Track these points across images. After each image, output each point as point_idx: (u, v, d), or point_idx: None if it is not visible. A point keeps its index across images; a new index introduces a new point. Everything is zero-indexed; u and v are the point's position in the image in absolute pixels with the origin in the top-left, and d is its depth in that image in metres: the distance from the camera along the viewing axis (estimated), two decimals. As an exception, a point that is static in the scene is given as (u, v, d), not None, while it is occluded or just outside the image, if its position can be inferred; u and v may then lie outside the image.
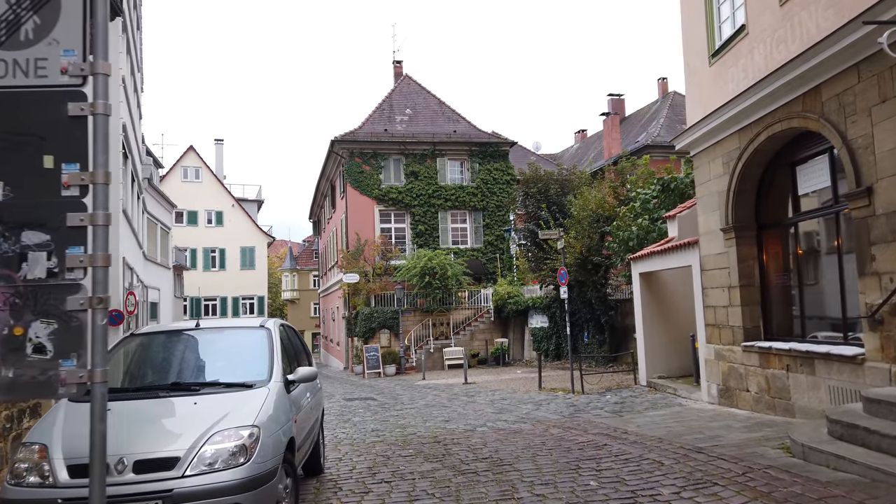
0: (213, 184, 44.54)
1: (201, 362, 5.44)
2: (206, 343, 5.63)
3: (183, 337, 5.73)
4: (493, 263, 32.44)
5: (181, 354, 5.52)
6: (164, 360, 5.49)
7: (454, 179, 33.49)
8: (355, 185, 32.03)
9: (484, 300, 29.34)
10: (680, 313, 14.04)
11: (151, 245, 29.24)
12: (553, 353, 24.53)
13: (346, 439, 9.79)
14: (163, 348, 5.62)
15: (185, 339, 5.67)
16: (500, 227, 33.08)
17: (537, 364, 18.78)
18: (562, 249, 15.99)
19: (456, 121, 35.24)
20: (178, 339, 5.74)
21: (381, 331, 28.29)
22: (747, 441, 7.49)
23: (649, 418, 9.82)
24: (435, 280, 27.45)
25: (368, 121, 34.12)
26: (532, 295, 26.63)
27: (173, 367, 5.38)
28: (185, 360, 5.45)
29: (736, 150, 9.78)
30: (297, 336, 7.19)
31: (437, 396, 15.98)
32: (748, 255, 9.90)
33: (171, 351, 5.57)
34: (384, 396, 16.86)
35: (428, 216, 32.54)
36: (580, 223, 21.04)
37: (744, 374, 9.80)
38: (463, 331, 28.58)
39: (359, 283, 29.82)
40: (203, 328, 5.75)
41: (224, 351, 5.56)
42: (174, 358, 5.48)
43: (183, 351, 5.55)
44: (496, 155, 33.86)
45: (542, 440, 8.59)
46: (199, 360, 5.47)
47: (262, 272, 45.94)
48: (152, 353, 5.58)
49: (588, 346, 22.18)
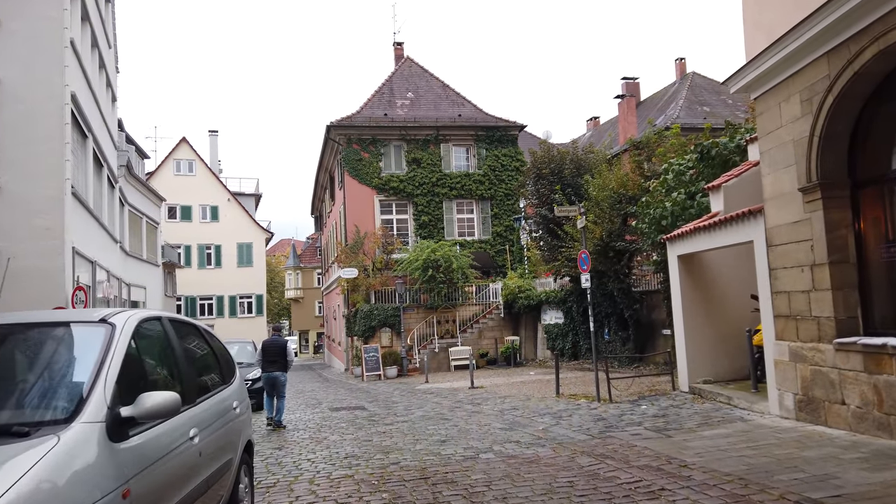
0: (207, 177, 42.30)
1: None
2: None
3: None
4: (503, 256, 30.01)
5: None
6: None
7: (459, 166, 31.09)
8: (353, 173, 29.70)
9: (493, 295, 26.93)
10: (729, 303, 11.56)
11: (135, 240, 27.05)
12: (569, 352, 22.07)
13: (307, 471, 7.42)
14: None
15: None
16: (509, 216, 30.64)
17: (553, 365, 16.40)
18: (582, 230, 13.53)
19: (461, 104, 32.84)
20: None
21: (381, 329, 25.93)
22: (888, 487, 5.04)
23: (710, 441, 7.38)
24: (439, 273, 25.05)
25: (367, 105, 31.79)
26: (545, 288, 24.18)
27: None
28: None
29: (823, 81, 7.31)
30: (205, 340, 4.82)
31: (438, 405, 13.60)
32: (840, 221, 7.42)
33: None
34: (377, 405, 14.50)
35: (432, 206, 30.17)
36: (599, 205, 18.56)
37: (837, 381, 7.33)
38: (470, 329, 26.16)
39: (358, 279, 27.44)
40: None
41: (7, 363, 3.17)
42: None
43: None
44: (504, 140, 31.44)
45: (569, 477, 6.18)
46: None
47: (260, 269, 43.65)
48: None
49: (609, 344, 19.73)
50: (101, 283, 18.12)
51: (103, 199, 19.75)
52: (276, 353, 11.52)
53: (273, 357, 11.48)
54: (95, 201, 18.54)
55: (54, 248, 13.60)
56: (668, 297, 14.89)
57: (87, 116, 16.28)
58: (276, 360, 11.47)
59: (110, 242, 20.93)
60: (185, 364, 3.96)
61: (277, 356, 11.49)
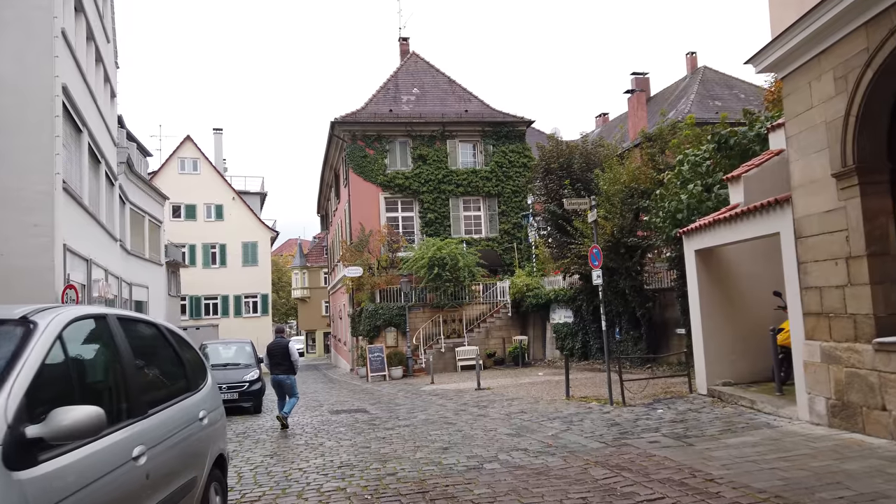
0: (212, 176, 41.81)
1: None
2: None
3: None
4: (510, 254, 29.38)
5: None
6: None
7: (466, 163, 30.47)
8: (358, 170, 29.14)
9: (500, 294, 26.29)
10: (750, 300, 10.88)
11: (137, 239, 26.60)
12: (579, 352, 21.42)
13: (297, 483, 6.85)
14: None
15: None
16: (516, 213, 29.99)
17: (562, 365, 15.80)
18: (592, 224, 12.89)
19: (467, 100, 32.23)
20: None
21: (386, 329, 25.36)
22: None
23: (736, 450, 6.74)
24: (445, 272, 24.44)
25: (372, 101, 31.23)
26: (554, 287, 23.54)
27: None
28: None
29: (861, 55, 6.65)
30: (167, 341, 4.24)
31: (443, 407, 13.00)
32: (879, 209, 6.77)
33: None
34: (379, 407, 13.92)
35: (438, 203, 29.57)
36: (610, 200, 17.89)
37: (877, 384, 6.68)
38: (477, 328, 25.55)
39: (363, 278, 26.87)
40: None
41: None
42: None
43: None
44: (512, 136, 30.80)
45: (582, 492, 5.57)
46: None
47: (265, 269, 43.11)
48: None
49: (621, 344, 19.08)
50: (98, 283, 17.64)
51: (101, 195, 19.27)
52: (281, 355, 11.36)
53: (278, 360, 11.35)
54: (92, 198, 18.07)
55: (44, 245, 13.11)
56: (682, 295, 14.23)
57: (80, 110, 15.79)
58: (282, 362, 11.32)
59: (108, 240, 20.47)
60: (132, 371, 3.37)
61: (282, 359, 11.34)
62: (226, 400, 9.04)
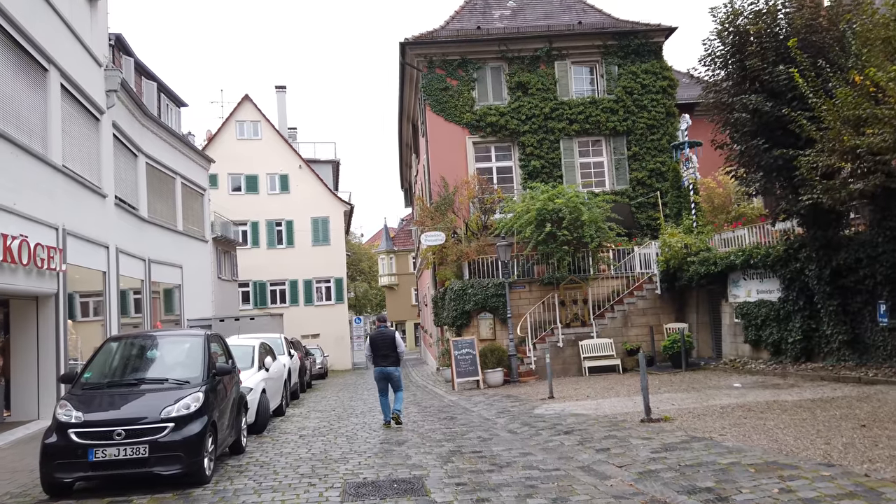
0: (275, 141, 35.93)
1: None
2: None
3: None
4: (646, 211, 21.17)
5: None
6: None
7: (582, 92, 22.48)
8: (438, 108, 21.91)
9: (643, 263, 18.28)
10: None
11: (163, 204, 20.77)
12: (793, 347, 13.03)
13: None
14: None
15: None
16: (655, 156, 21.72)
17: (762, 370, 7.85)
18: None
19: (581, 10, 24.17)
20: None
21: (479, 316, 18.00)
22: None
23: None
24: (562, 231, 16.72)
25: (455, 18, 23.87)
26: (735, 246, 15.28)
27: None
28: None
29: None
30: None
31: (599, 475, 5.47)
32: None
33: None
34: (450, 474, 6.57)
35: (544, 147, 21.83)
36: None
37: None
38: (610, 312, 17.64)
39: (446, 247, 19.58)
40: None
41: None
42: None
43: None
44: (644, 51, 22.47)
45: None
46: None
47: (339, 248, 36.81)
48: None
49: (883, 333, 10.80)
50: (32, 244, 11.42)
51: (50, 118, 13.04)
52: (387, 346, 10.59)
53: (385, 351, 10.57)
54: (30, 121, 11.97)
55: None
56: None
57: None
58: (389, 354, 10.57)
59: (83, 191, 14.41)
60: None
61: (388, 350, 10.57)
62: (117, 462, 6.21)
